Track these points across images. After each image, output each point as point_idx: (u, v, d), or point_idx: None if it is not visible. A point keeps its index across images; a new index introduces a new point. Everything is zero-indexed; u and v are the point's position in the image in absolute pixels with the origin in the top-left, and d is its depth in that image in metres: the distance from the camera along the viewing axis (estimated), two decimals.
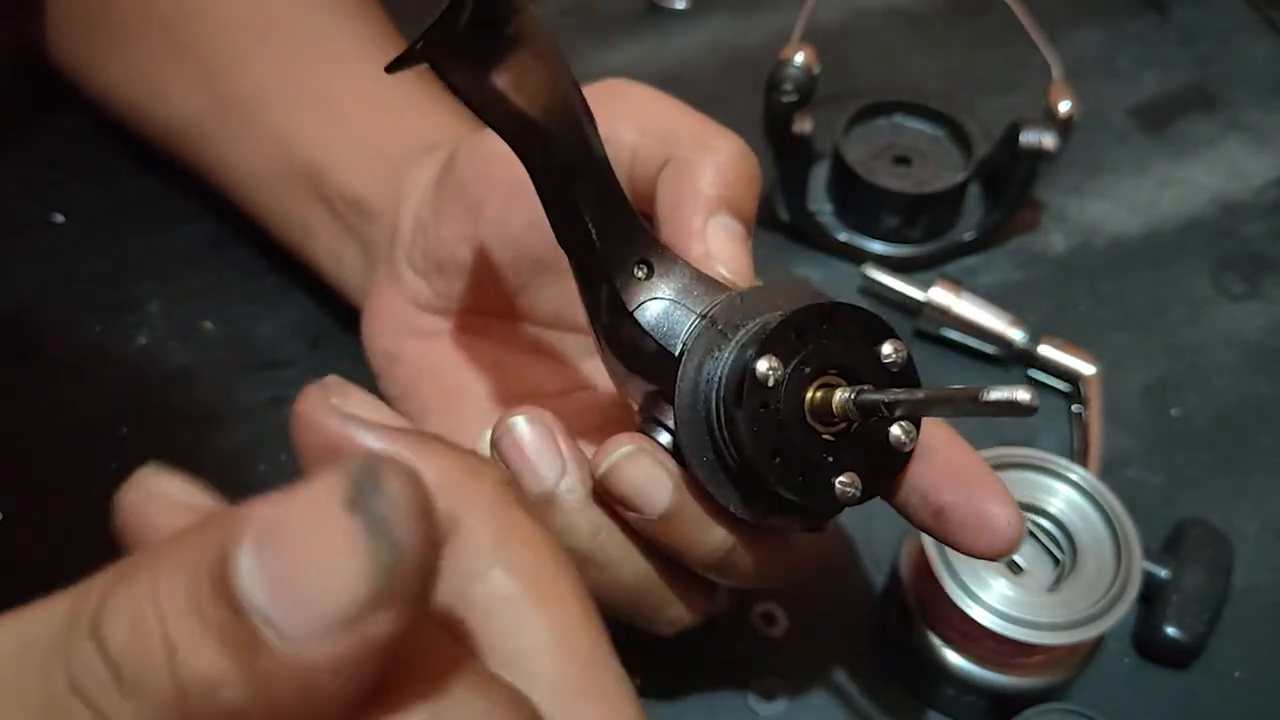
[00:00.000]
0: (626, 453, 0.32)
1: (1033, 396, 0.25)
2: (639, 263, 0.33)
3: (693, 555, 0.34)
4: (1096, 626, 0.39)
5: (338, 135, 0.48)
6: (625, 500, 0.33)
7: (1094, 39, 0.71)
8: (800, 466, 0.30)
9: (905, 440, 0.31)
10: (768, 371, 0.30)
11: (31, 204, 0.58)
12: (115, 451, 0.49)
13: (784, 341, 0.30)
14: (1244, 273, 0.59)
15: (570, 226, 0.33)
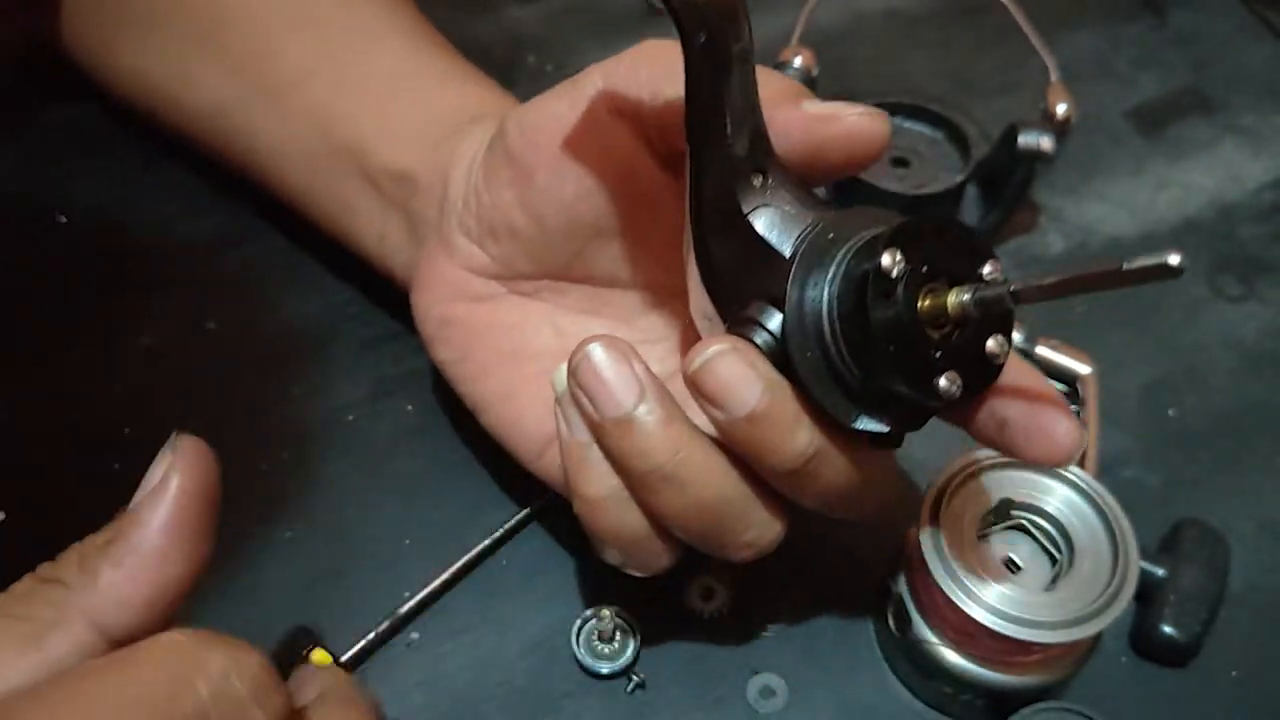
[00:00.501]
0: (720, 350, 0.33)
1: (1182, 259, 0.26)
2: (757, 170, 0.35)
3: (776, 458, 0.34)
4: (1093, 625, 0.39)
5: (378, 113, 0.48)
6: (715, 397, 0.34)
7: (1091, 41, 0.71)
8: (911, 358, 0.32)
9: (999, 351, 0.33)
10: (892, 264, 0.31)
11: (32, 204, 0.58)
12: (116, 451, 0.49)
13: (905, 241, 0.32)
14: (1240, 275, 0.59)
15: (708, 117, 0.34)
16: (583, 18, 0.70)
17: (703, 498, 0.35)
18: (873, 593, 0.47)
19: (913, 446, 0.51)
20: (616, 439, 0.35)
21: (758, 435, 0.34)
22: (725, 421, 0.34)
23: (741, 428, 0.34)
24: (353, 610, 0.45)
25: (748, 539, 0.37)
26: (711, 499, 0.36)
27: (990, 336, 0.33)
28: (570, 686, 0.44)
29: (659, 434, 0.35)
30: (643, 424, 0.34)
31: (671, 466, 0.35)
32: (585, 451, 0.36)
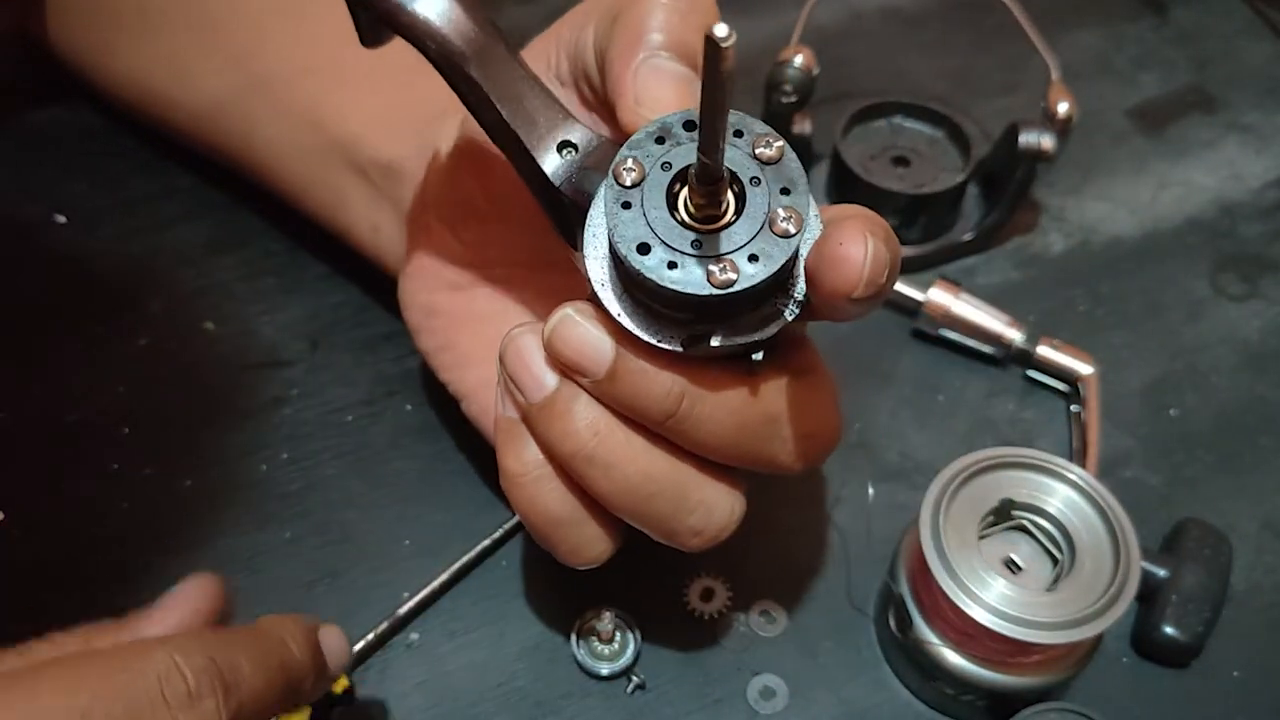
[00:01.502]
0: (563, 316, 0.34)
1: (729, 32, 0.26)
2: (563, 145, 0.35)
3: (649, 409, 0.34)
4: (1095, 626, 0.39)
5: (367, 106, 0.48)
6: (572, 364, 0.34)
7: (1093, 40, 0.71)
8: (670, 255, 0.31)
9: (787, 224, 0.31)
10: (623, 173, 0.31)
11: (32, 204, 0.58)
12: (115, 451, 0.49)
13: (641, 147, 0.32)
14: (1242, 273, 0.59)
15: (487, 117, 0.36)
16: None
17: (628, 477, 0.35)
18: (873, 593, 0.47)
19: (914, 447, 0.52)
20: (540, 423, 0.35)
21: (624, 391, 0.34)
22: (593, 386, 0.34)
23: (608, 388, 0.34)
24: (353, 610, 0.45)
25: (692, 523, 0.36)
26: (637, 478, 0.35)
27: (779, 209, 0.31)
28: (570, 687, 0.44)
29: (579, 416, 0.35)
30: (563, 407, 0.35)
31: (593, 447, 0.35)
32: (510, 427, 0.36)
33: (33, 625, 0.45)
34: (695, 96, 0.32)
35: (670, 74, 0.34)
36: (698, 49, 0.34)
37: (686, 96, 0.34)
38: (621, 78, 0.34)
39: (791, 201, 0.31)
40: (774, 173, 0.32)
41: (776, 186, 0.31)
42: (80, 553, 0.47)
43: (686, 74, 0.34)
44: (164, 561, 0.47)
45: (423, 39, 0.36)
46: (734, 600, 0.46)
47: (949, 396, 0.54)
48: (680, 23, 0.35)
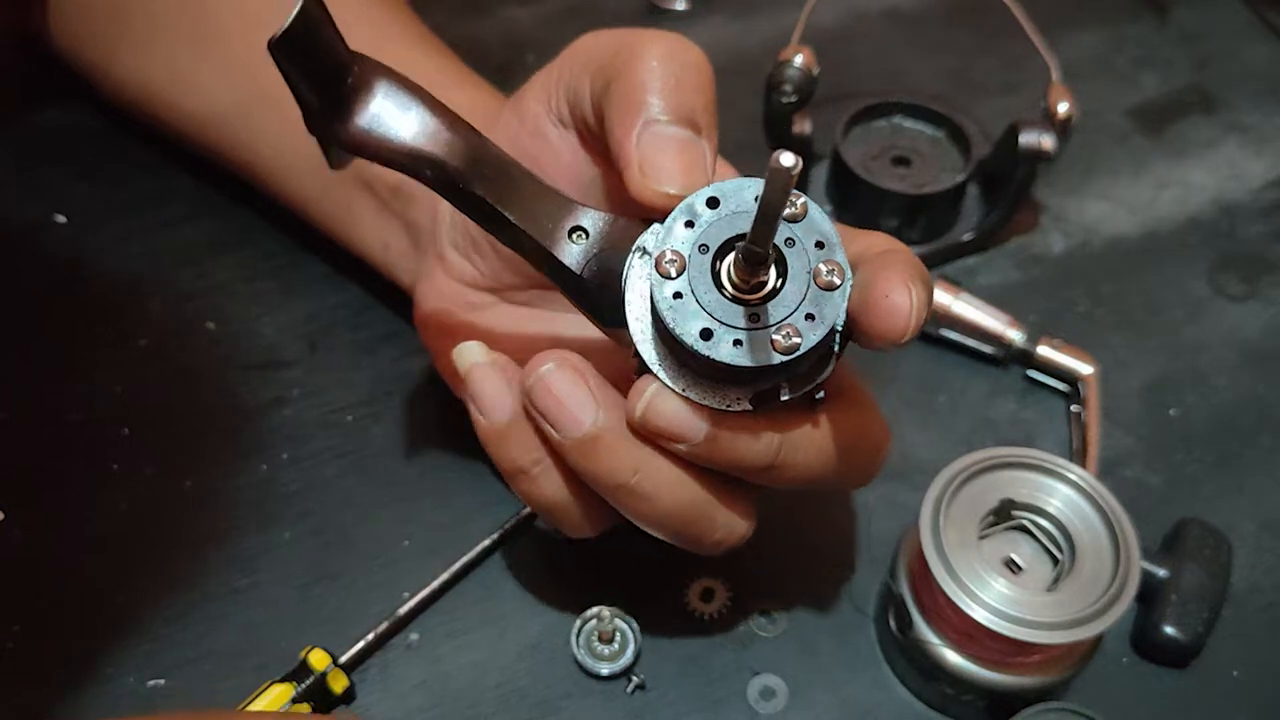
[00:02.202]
0: (654, 391, 0.34)
1: (795, 161, 0.27)
2: (573, 231, 0.36)
3: (749, 465, 0.35)
4: (1095, 626, 0.39)
5: None
6: (667, 434, 0.34)
7: (1093, 41, 0.71)
8: (732, 335, 0.32)
9: (831, 277, 0.32)
10: (667, 266, 0.32)
11: (32, 204, 0.58)
12: (115, 451, 0.49)
13: (674, 234, 0.33)
14: (1242, 273, 0.59)
15: (495, 226, 0.36)
16: (582, 18, 0.70)
17: (667, 506, 0.36)
18: (873, 593, 0.47)
19: (914, 447, 0.52)
20: (578, 458, 0.36)
21: (723, 452, 0.35)
22: (688, 451, 0.35)
23: (704, 450, 0.34)
24: (352, 610, 0.45)
25: (716, 538, 0.38)
26: (676, 507, 0.36)
27: (820, 263, 0.33)
28: (570, 687, 0.44)
29: (623, 455, 0.35)
30: (606, 445, 0.35)
31: (635, 482, 0.35)
32: (499, 431, 0.37)
33: (33, 625, 0.45)
34: (698, 159, 0.34)
35: (672, 140, 0.34)
36: (697, 110, 0.35)
37: (690, 160, 0.34)
38: (624, 147, 0.34)
39: (828, 254, 0.33)
40: (804, 229, 0.33)
41: (810, 242, 0.33)
42: (80, 553, 0.47)
43: (688, 138, 0.34)
44: (164, 561, 0.47)
45: (418, 168, 0.35)
46: (734, 600, 0.46)
47: (949, 396, 0.54)
48: (676, 86, 0.35)
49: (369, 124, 0.35)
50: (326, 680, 0.42)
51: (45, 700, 0.43)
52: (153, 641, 0.44)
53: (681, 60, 0.35)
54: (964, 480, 0.42)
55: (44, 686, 0.43)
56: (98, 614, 0.45)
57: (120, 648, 0.44)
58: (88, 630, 0.45)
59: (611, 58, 0.36)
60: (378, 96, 0.35)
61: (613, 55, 0.36)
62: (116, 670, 0.44)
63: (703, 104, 0.35)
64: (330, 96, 0.35)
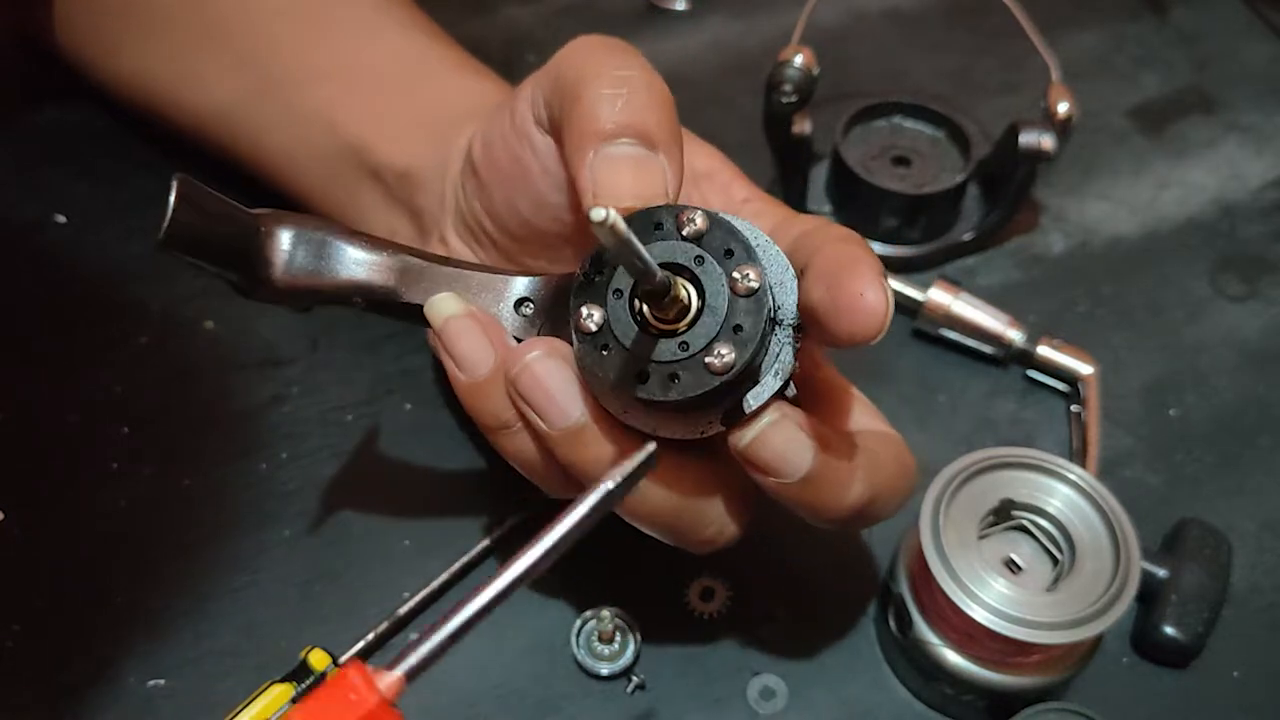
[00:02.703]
0: (772, 422, 0.33)
1: (605, 214, 0.26)
2: (518, 304, 0.37)
3: (846, 498, 0.35)
4: (1095, 626, 0.39)
5: (380, 110, 0.48)
6: (771, 467, 0.34)
7: (1093, 40, 0.71)
8: (668, 372, 0.32)
9: (749, 283, 0.32)
10: (586, 324, 0.33)
11: (31, 204, 0.58)
12: (116, 451, 0.49)
13: (587, 290, 0.33)
14: (1242, 274, 0.59)
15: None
16: (581, 17, 0.70)
17: (656, 503, 0.36)
18: (873, 593, 0.47)
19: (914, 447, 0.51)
20: (563, 449, 0.35)
21: (821, 492, 0.35)
22: (780, 486, 0.35)
23: (799, 488, 0.34)
24: (352, 610, 0.45)
25: (706, 536, 0.38)
26: (665, 503, 0.36)
27: (735, 269, 0.32)
28: (570, 688, 0.44)
29: (606, 445, 0.35)
30: (588, 435, 0.35)
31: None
32: (474, 388, 0.37)
33: (33, 625, 0.45)
34: (654, 174, 0.34)
35: (625, 160, 0.34)
36: (650, 125, 0.34)
37: (645, 177, 0.34)
38: (579, 179, 0.34)
39: (739, 261, 0.32)
40: (710, 242, 0.32)
41: (720, 252, 0.32)
42: (80, 553, 0.47)
43: (642, 154, 0.34)
44: (164, 561, 0.47)
45: (346, 297, 0.37)
46: (734, 600, 0.46)
47: (949, 396, 0.54)
48: (627, 106, 0.34)
49: (289, 274, 0.36)
50: (326, 680, 0.42)
51: (45, 700, 0.43)
52: (152, 641, 0.44)
53: (636, 80, 0.35)
54: (964, 480, 0.42)
55: (44, 686, 0.43)
56: (97, 614, 0.45)
57: (120, 648, 0.44)
58: (87, 630, 0.45)
59: (568, 78, 0.36)
60: (288, 245, 0.36)
61: (570, 76, 0.36)
62: (116, 670, 0.44)
63: (656, 119, 0.34)
64: (245, 261, 0.35)
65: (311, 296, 0.36)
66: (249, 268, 0.36)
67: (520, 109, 0.39)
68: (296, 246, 0.36)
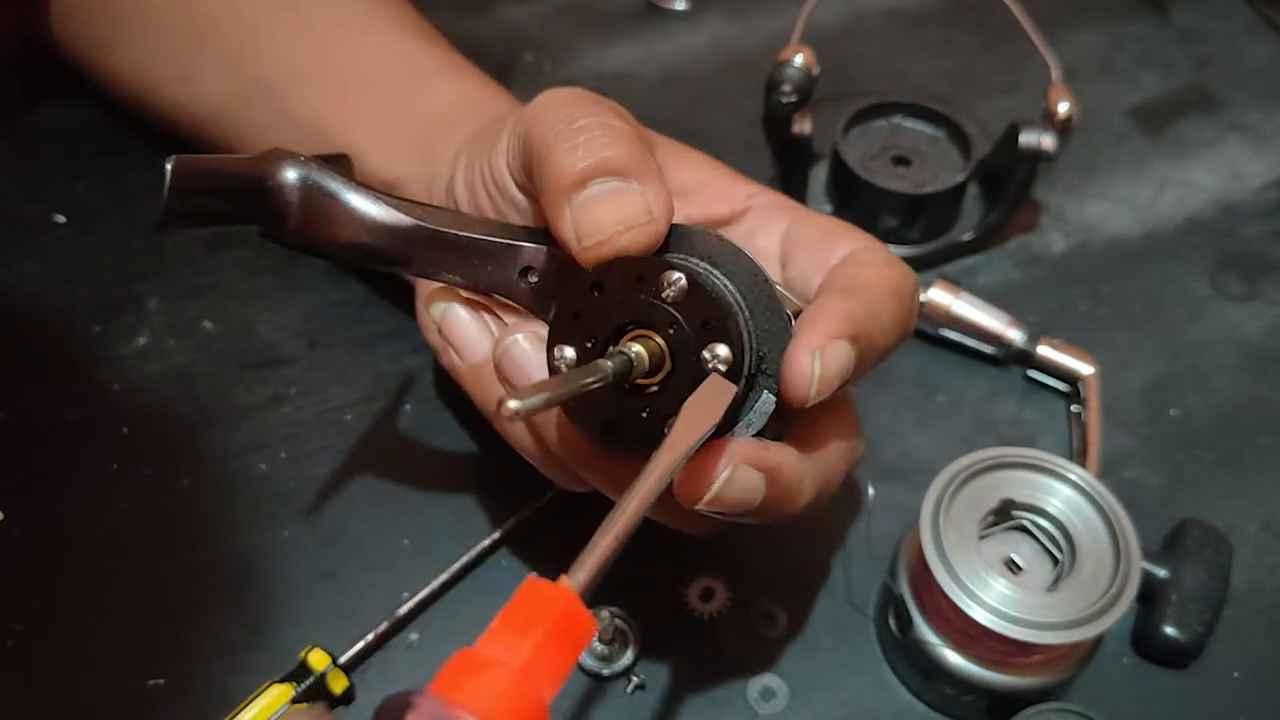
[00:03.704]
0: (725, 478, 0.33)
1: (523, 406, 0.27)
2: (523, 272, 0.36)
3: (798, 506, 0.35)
4: (1095, 626, 0.39)
5: (367, 116, 0.48)
6: (725, 512, 0.34)
7: (1093, 40, 0.71)
8: (633, 431, 0.33)
9: (716, 364, 0.32)
10: (558, 363, 0.33)
11: (31, 204, 0.58)
12: (115, 451, 0.49)
13: (564, 329, 0.33)
14: (1243, 273, 0.59)
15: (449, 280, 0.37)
16: (580, 16, 0.70)
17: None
18: (873, 593, 0.47)
19: (914, 447, 0.51)
20: (549, 434, 0.36)
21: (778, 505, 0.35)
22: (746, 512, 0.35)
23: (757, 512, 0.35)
24: (352, 610, 0.45)
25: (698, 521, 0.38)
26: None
27: (707, 347, 0.32)
28: (569, 688, 0.44)
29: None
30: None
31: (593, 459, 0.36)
32: (475, 375, 0.38)
33: (33, 625, 0.45)
34: (631, 199, 0.33)
35: (598, 197, 0.34)
36: (614, 159, 0.34)
37: (623, 204, 0.34)
38: (562, 233, 0.34)
39: (716, 332, 0.32)
40: (688, 308, 0.32)
41: (697, 324, 0.32)
42: (80, 553, 0.47)
43: (614, 187, 0.34)
44: (164, 561, 0.47)
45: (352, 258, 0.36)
46: (734, 600, 0.46)
47: (949, 396, 0.54)
48: (587, 151, 0.34)
49: (303, 224, 0.35)
50: (326, 680, 0.42)
51: (45, 700, 0.43)
52: (152, 641, 0.44)
53: (589, 125, 0.35)
54: (964, 480, 0.42)
55: (44, 686, 0.43)
56: (97, 614, 0.45)
57: (120, 648, 0.44)
58: (87, 630, 0.45)
59: (532, 141, 0.36)
60: (297, 196, 0.35)
61: (534, 138, 0.36)
62: (116, 670, 0.44)
63: (618, 152, 0.34)
64: (260, 212, 0.35)
65: (320, 252, 0.36)
66: (266, 217, 0.35)
67: (498, 166, 0.39)
68: (306, 196, 0.35)
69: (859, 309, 0.34)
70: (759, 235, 0.40)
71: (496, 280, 0.36)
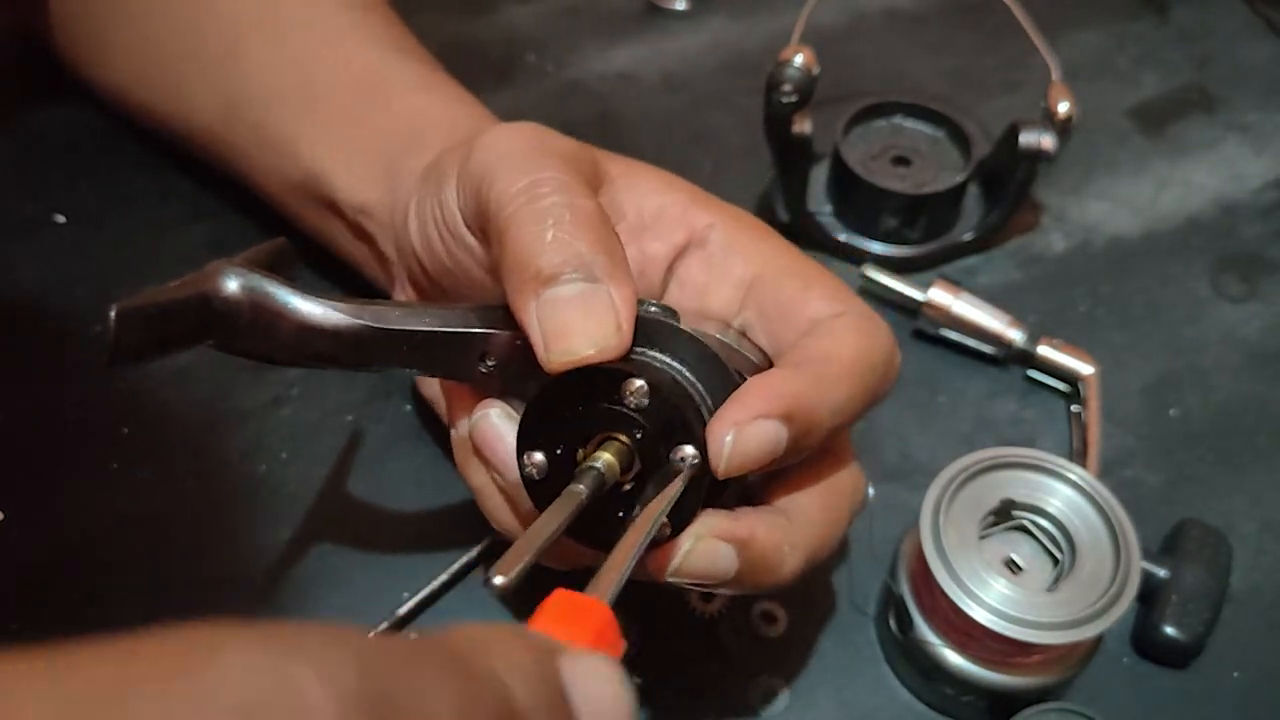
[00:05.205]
0: (688, 549, 0.34)
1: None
2: (481, 357, 0.36)
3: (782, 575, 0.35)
4: (1095, 626, 0.39)
5: (334, 136, 0.48)
6: (696, 582, 0.34)
7: (1093, 40, 0.71)
8: (603, 530, 0.33)
9: (676, 463, 0.33)
10: (529, 469, 0.34)
11: (31, 204, 0.58)
12: (115, 451, 0.49)
13: (531, 435, 0.34)
14: (1242, 274, 0.59)
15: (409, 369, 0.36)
16: (581, 17, 0.70)
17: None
18: (873, 593, 0.47)
19: (914, 447, 0.52)
20: (514, 497, 0.36)
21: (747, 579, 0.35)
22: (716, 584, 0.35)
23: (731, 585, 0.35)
24: (352, 610, 0.45)
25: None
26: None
27: (678, 448, 0.33)
28: None
29: None
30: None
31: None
32: (461, 444, 0.37)
33: (33, 625, 0.45)
34: (600, 308, 0.33)
35: (568, 302, 0.32)
36: (584, 253, 0.33)
37: (593, 317, 0.32)
38: (527, 324, 0.33)
39: (680, 437, 0.32)
40: (652, 413, 0.32)
41: (661, 427, 0.32)
42: (80, 553, 0.47)
43: (582, 291, 0.32)
44: (164, 562, 0.47)
45: (310, 363, 0.35)
46: (734, 600, 0.46)
47: (950, 396, 0.54)
48: (556, 238, 0.33)
49: (252, 335, 0.34)
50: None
51: None
52: None
53: (555, 207, 0.33)
54: (964, 480, 0.42)
55: None
56: (97, 614, 0.45)
57: None
58: (86, 631, 0.44)
59: (489, 204, 0.34)
60: (247, 305, 0.34)
61: (490, 201, 0.34)
62: None
63: (589, 242, 0.33)
64: (210, 327, 0.34)
65: (279, 360, 0.35)
66: (218, 333, 0.34)
67: (449, 208, 0.38)
68: (253, 306, 0.34)
69: (802, 387, 0.33)
70: (717, 275, 0.39)
71: (454, 368, 0.36)
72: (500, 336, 0.35)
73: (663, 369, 0.34)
